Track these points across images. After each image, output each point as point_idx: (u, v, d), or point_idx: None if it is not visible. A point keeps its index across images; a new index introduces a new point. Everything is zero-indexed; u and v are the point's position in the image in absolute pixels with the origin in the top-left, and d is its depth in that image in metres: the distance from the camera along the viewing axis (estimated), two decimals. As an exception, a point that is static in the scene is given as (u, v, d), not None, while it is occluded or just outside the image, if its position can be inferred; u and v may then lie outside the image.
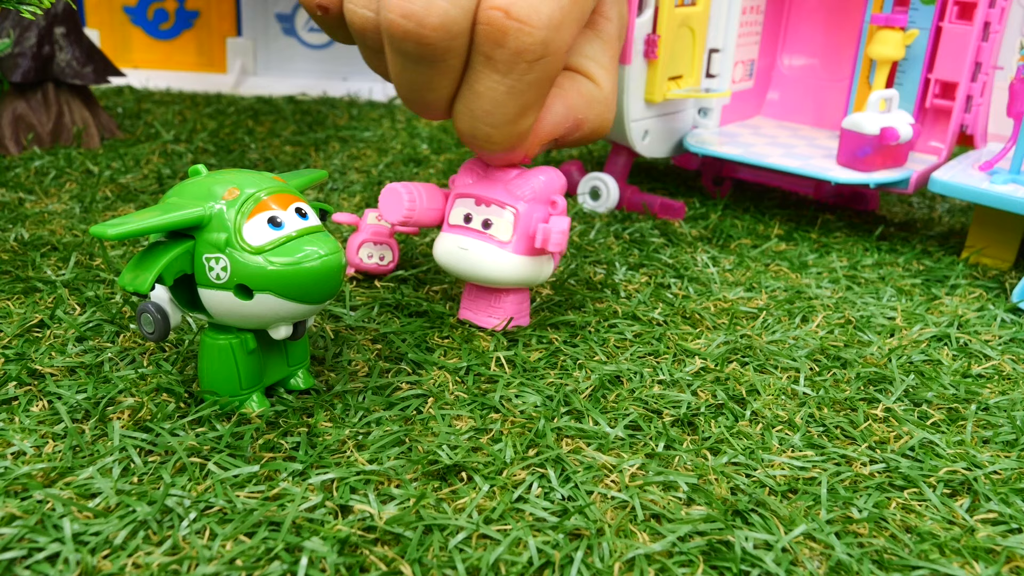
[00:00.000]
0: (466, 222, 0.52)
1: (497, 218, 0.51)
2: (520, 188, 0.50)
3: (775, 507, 0.39)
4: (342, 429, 0.43)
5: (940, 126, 0.74)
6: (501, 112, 0.46)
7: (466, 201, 0.52)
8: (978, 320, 0.58)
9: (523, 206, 0.50)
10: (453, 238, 0.52)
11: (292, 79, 1.22)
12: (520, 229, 0.50)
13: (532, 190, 0.50)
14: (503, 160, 0.51)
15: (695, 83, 0.76)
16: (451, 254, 0.52)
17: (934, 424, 0.46)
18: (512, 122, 0.46)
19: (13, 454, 0.40)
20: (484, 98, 0.45)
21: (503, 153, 0.49)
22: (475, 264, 0.51)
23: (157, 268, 0.39)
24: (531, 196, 0.50)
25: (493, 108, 0.45)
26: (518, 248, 0.51)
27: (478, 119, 0.46)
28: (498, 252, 0.51)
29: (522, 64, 0.44)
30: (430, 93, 0.46)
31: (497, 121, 0.46)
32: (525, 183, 0.51)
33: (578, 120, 0.51)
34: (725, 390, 0.48)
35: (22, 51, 0.82)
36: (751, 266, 0.65)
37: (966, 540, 0.37)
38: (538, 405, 0.46)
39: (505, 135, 0.47)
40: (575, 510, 0.37)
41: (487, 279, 0.51)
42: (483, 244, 0.51)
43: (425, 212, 0.53)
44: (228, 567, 0.33)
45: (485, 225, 0.51)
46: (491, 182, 0.51)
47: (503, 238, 0.51)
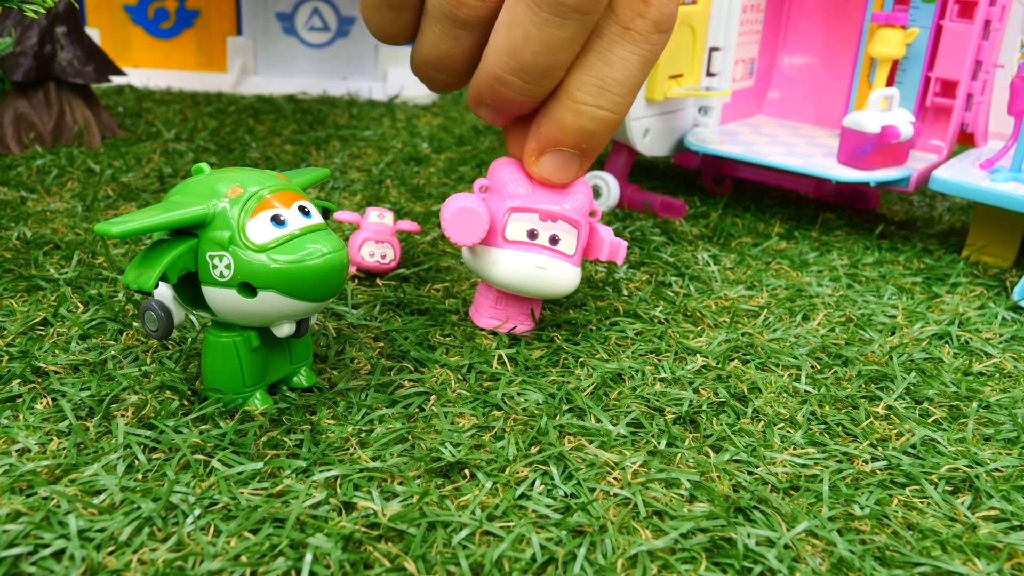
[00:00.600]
0: (531, 238, 0.50)
1: (564, 233, 0.50)
2: (576, 202, 0.50)
3: (777, 504, 0.39)
4: (345, 427, 0.43)
5: (941, 124, 0.74)
6: (631, 82, 0.45)
7: (528, 216, 0.50)
8: (979, 318, 0.58)
9: (583, 219, 0.51)
10: (525, 256, 0.50)
11: (292, 78, 1.22)
12: (581, 243, 0.51)
13: (581, 203, 0.50)
14: (581, 168, 0.49)
15: (696, 82, 0.76)
16: (525, 273, 0.50)
17: (935, 422, 0.46)
18: (634, 92, 0.46)
19: (18, 451, 0.40)
20: (617, 67, 0.45)
21: (612, 133, 0.47)
22: (552, 281, 0.50)
23: (161, 266, 0.40)
24: (584, 209, 0.51)
25: (625, 77, 0.45)
26: (578, 261, 0.51)
27: (608, 88, 0.45)
28: (568, 267, 0.50)
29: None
30: (563, 54, 0.44)
31: (626, 90, 0.46)
32: (579, 197, 0.50)
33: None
34: (727, 388, 0.48)
35: (23, 50, 0.83)
36: (752, 264, 0.66)
37: (968, 537, 0.37)
38: (540, 403, 0.46)
39: (626, 107, 0.46)
40: (578, 507, 0.38)
41: (560, 294, 0.51)
42: (558, 262, 0.50)
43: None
44: (233, 563, 0.33)
45: (553, 241, 0.50)
46: (545, 195, 0.50)
47: (569, 252, 0.50)
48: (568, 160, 0.49)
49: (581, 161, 0.49)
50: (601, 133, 0.47)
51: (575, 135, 0.47)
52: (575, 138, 0.47)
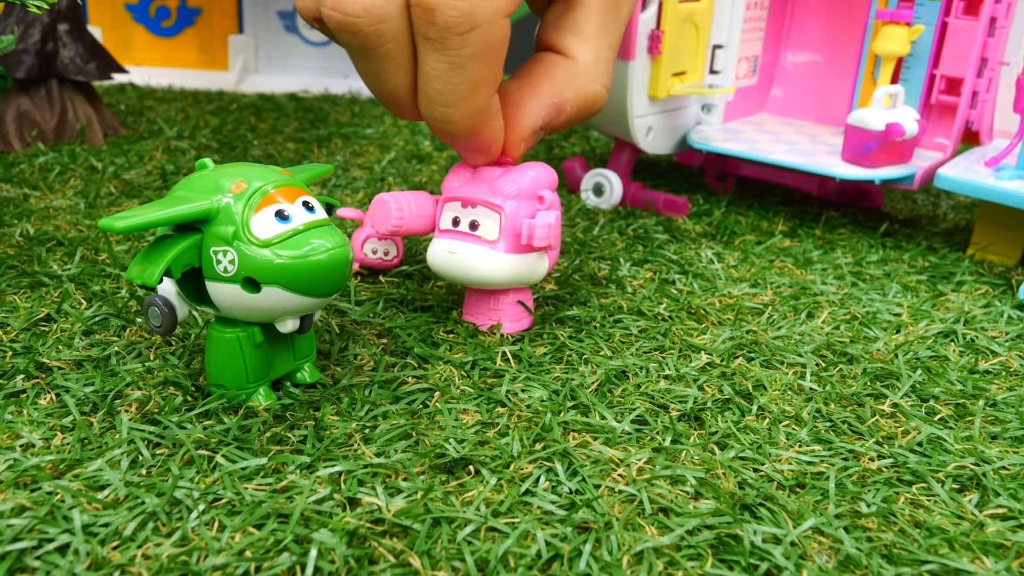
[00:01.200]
0: (454, 225, 0.51)
1: (483, 218, 0.50)
2: (504, 185, 0.50)
3: (783, 501, 0.39)
4: (349, 423, 0.43)
5: (945, 122, 0.74)
6: (451, 90, 0.45)
7: (453, 204, 0.51)
8: (985, 316, 0.58)
9: (508, 204, 0.49)
10: (442, 242, 0.51)
11: (294, 76, 1.22)
12: (507, 228, 0.49)
13: (517, 187, 0.50)
14: (479, 155, 0.50)
15: (699, 79, 0.76)
16: (441, 258, 0.51)
17: (942, 420, 0.46)
18: (465, 99, 0.45)
19: (22, 446, 0.40)
20: (432, 78, 0.45)
21: (468, 137, 0.48)
22: (465, 266, 0.50)
23: (165, 261, 0.39)
24: (516, 193, 0.49)
25: (443, 87, 0.45)
26: (506, 247, 0.49)
27: (432, 101, 0.46)
28: (486, 253, 0.50)
29: (455, 38, 0.43)
30: (386, 83, 0.46)
31: (450, 100, 0.45)
32: (510, 180, 0.50)
33: (557, 104, 0.50)
34: (731, 385, 0.48)
35: (26, 48, 0.82)
36: (756, 262, 0.65)
37: (976, 535, 0.37)
38: (544, 399, 0.46)
39: (461, 113, 0.46)
40: (583, 503, 0.37)
41: (478, 281, 0.51)
42: (471, 246, 0.50)
43: (415, 220, 0.52)
44: (237, 558, 0.33)
45: (472, 227, 0.50)
46: (477, 182, 0.51)
47: (490, 238, 0.50)
48: (464, 151, 0.50)
49: (476, 152, 0.50)
50: (455, 139, 0.48)
51: (444, 141, 0.49)
52: (447, 143, 0.49)
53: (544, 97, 0.50)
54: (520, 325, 0.53)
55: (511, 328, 0.52)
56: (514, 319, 0.52)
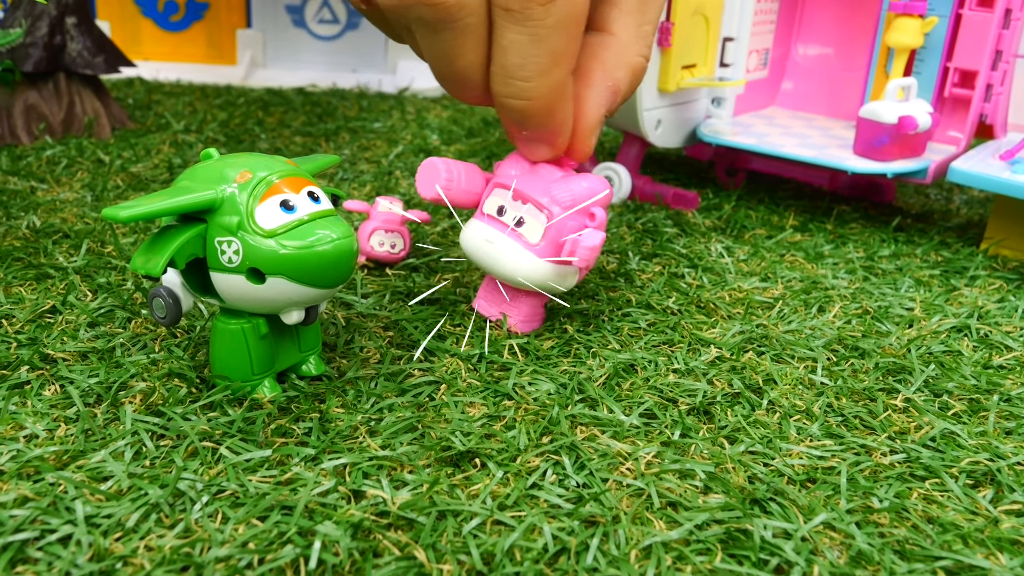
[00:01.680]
0: (499, 214, 0.49)
1: (531, 218, 0.48)
2: (560, 191, 0.48)
3: (794, 496, 0.38)
4: (354, 415, 0.42)
5: (959, 116, 0.73)
6: (533, 63, 0.44)
7: (503, 192, 0.50)
8: (999, 311, 0.57)
9: (558, 211, 0.48)
10: (482, 228, 0.50)
11: (302, 71, 1.22)
12: (551, 235, 0.48)
13: (572, 196, 0.48)
14: (543, 147, 0.49)
15: (709, 72, 0.76)
16: (476, 244, 0.50)
17: (955, 415, 0.45)
18: (546, 72, 0.44)
19: (26, 437, 0.39)
20: (511, 52, 0.44)
21: (541, 118, 0.46)
22: (497, 259, 0.49)
23: (169, 251, 0.39)
24: (570, 202, 0.48)
25: (523, 60, 0.44)
26: (544, 252, 0.48)
27: (511, 75, 0.44)
28: (523, 252, 0.48)
29: (537, 8, 0.42)
30: (459, 60, 0.45)
31: (530, 73, 0.44)
32: (566, 188, 0.48)
33: (612, 87, 0.49)
34: (741, 379, 0.47)
35: (33, 41, 0.82)
36: (766, 256, 0.65)
37: (990, 531, 0.37)
38: (552, 393, 0.45)
39: (541, 88, 0.45)
40: (590, 497, 0.37)
41: (506, 276, 0.49)
42: (510, 242, 0.49)
43: (461, 192, 0.50)
44: (241, 550, 0.33)
45: (517, 223, 0.49)
46: (533, 179, 0.49)
47: (532, 240, 0.48)
48: (527, 143, 0.49)
49: (542, 142, 0.48)
50: (528, 120, 0.47)
51: (511, 124, 0.48)
52: (513, 127, 0.48)
53: (598, 85, 0.49)
54: (531, 325, 0.52)
55: (522, 327, 0.51)
56: (526, 319, 0.51)
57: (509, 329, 0.51)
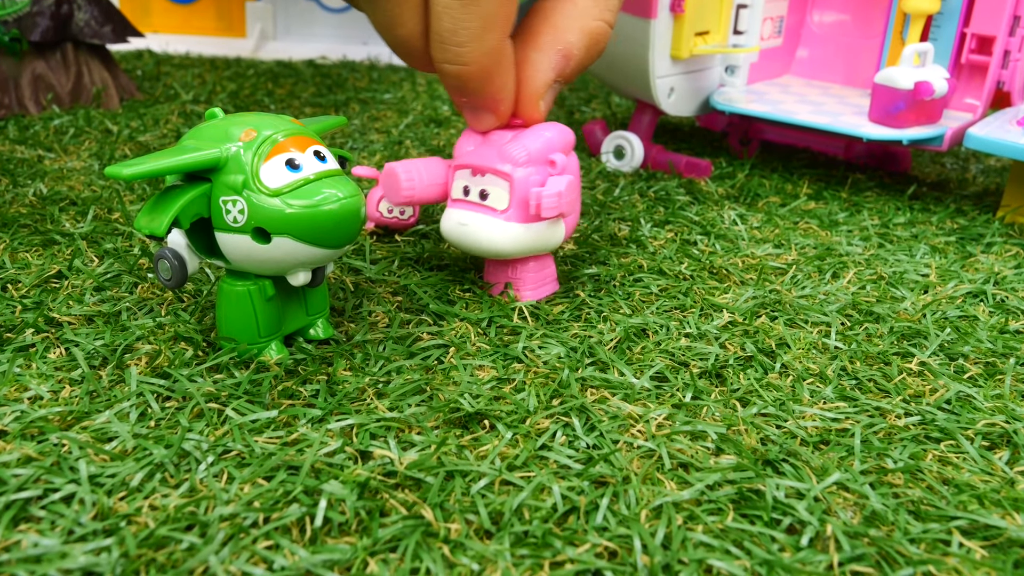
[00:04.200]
0: (465, 195, 0.48)
1: (493, 187, 0.47)
2: (514, 151, 0.47)
3: (807, 457, 0.37)
4: (362, 378, 0.42)
5: (976, 82, 0.72)
6: (464, 28, 0.43)
7: (463, 172, 0.49)
8: (1015, 277, 0.56)
9: (518, 171, 0.46)
10: (454, 213, 0.49)
11: (312, 43, 1.21)
12: (516, 196, 0.47)
13: (527, 152, 0.47)
14: (488, 115, 0.48)
15: (722, 39, 0.74)
16: (452, 231, 0.49)
17: (971, 378, 0.45)
18: (478, 37, 0.44)
19: (30, 398, 0.39)
20: (444, 17, 0.43)
21: (479, 85, 0.46)
22: (476, 238, 0.48)
23: (173, 210, 0.39)
24: (526, 158, 0.47)
25: (454, 25, 0.43)
26: (516, 216, 0.47)
27: (445, 41, 0.44)
28: (496, 223, 0.47)
29: None
30: (400, 28, 0.45)
31: (462, 38, 0.44)
32: (519, 145, 0.47)
33: (563, 51, 0.48)
34: (754, 343, 0.47)
35: (40, 10, 0.82)
36: (779, 224, 0.64)
37: (1006, 492, 0.36)
38: (562, 356, 0.45)
39: (474, 53, 0.44)
40: (600, 458, 0.36)
41: (489, 253, 0.48)
42: (481, 216, 0.47)
43: (427, 189, 0.50)
44: (246, 508, 0.32)
45: (482, 196, 0.48)
46: (487, 148, 0.48)
47: (500, 207, 0.47)
48: (473, 111, 0.49)
49: (485, 110, 0.48)
50: (465, 85, 0.46)
51: (452, 92, 0.47)
52: (455, 94, 0.47)
53: (547, 48, 0.48)
54: (542, 292, 0.51)
55: (532, 295, 0.50)
56: (535, 285, 0.51)
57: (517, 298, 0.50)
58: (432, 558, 0.31)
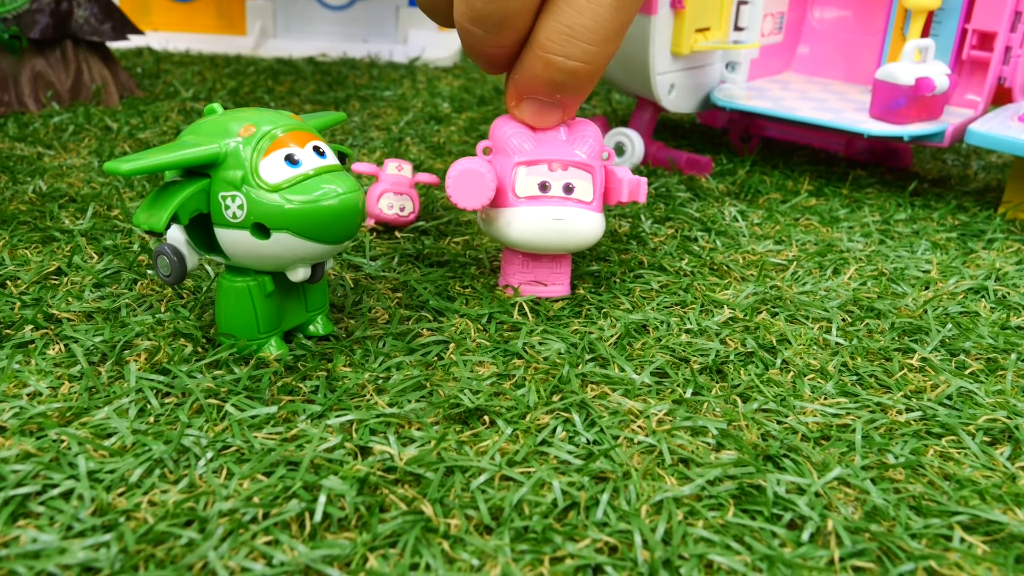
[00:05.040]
0: (543, 190, 0.47)
1: (577, 180, 0.48)
2: (585, 145, 0.48)
3: (808, 452, 0.37)
4: (361, 374, 0.42)
5: (977, 78, 0.72)
6: (603, 29, 0.42)
7: (537, 168, 0.47)
8: (1017, 273, 0.56)
9: (596, 163, 0.48)
10: (540, 210, 0.47)
11: (312, 41, 1.20)
12: (598, 188, 0.48)
13: (591, 146, 0.48)
14: (558, 113, 0.47)
15: (723, 36, 0.74)
16: (543, 228, 0.47)
17: (972, 373, 0.45)
18: (611, 40, 0.43)
19: (29, 394, 0.39)
20: (586, 13, 0.42)
21: (584, 84, 0.45)
22: (573, 232, 0.48)
23: (172, 206, 0.38)
24: (596, 152, 0.48)
25: (596, 23, 0.42)
26: (598, 207, 0.49)
27: (577, 36, 0.42)
28: (588, 215, 0.48)
29: None
30: (514, 2, 0.42)
31: (598, 38, 0.43)
32: (585, 139, 0.48)
33: None
34: (755, 339, 0.46)
35: (40, 7, 0.82)
36: (780, 220, 0.64)
37: (1008, 487, 0.36)
38: (562, 352, 0.44)
39: (602, 56, 0.43)
40: (600, 453, 0.36)
41: (580, 245, 0.49)
42: (576, 210, 0.47)
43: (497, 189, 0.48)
44: (245, 504, 0.32)
45: (567, 190, 0.47)
46: (552, 144, 0.48)
47: (587, 199, 0.48)
48: (545, 108, 0.47)
49: (561, 109, 0.47)
50: (573, 84, 0.45)
51: (546, 86, 0.46)
52: (546, 88, 0.46)
53: None
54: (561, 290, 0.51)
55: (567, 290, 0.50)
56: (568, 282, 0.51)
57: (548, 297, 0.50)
58: (432, 553, 0.31)
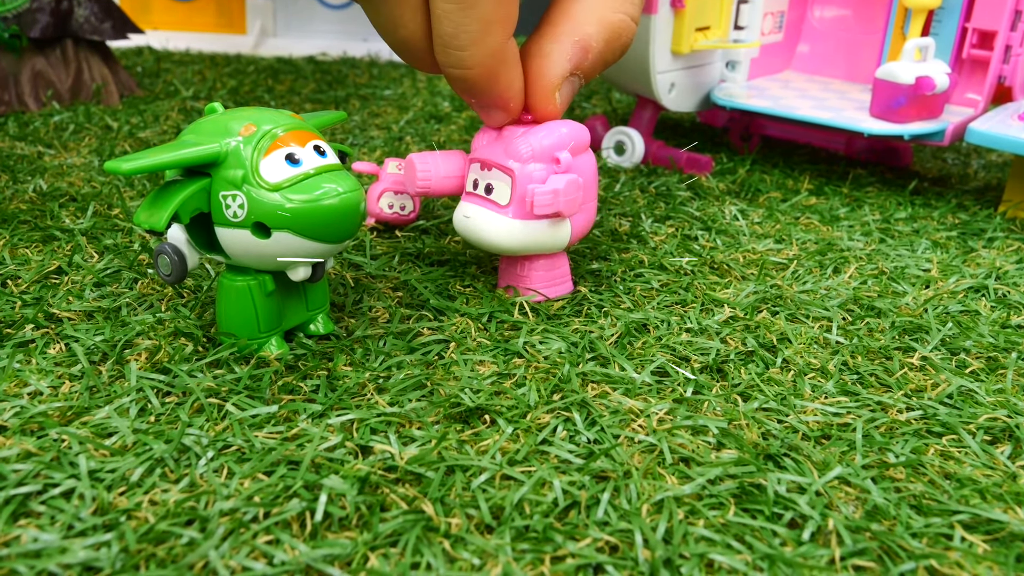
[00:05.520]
0: (474, 188, 0.48)
1: (497, 182, 0.47)
2: (520, 147, 0.46)
3: (808, 452, 0.37)
4: (362, 373, 0.42)
5: (977, 77, 0.72)
6: (464, 31, 0.43)
7: (474, 166, 0.48)
8: (1017, 272, 0.56)
9: (519, 167, 0.46)
10: (461, 206, 0.49)
11: (312, 40, 1.21)
12: (518, 192, 0.46)
13: (531, 148, 0.46)
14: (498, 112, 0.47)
15: (723, 34, 0.74)
16: (458, 223, 0.49)
17: (973, 373, 0.45)
18: (478, 41, 0.43)
19: (29, 394, 0.39)
20: (444, 20, 0.43)
21: (485, 86, 0.45)
22: (477, 231, 0.48)
23: (173, 205, 0.38)
24: (530, 155, 0.46)
25: (454, 29, 0.43)
26: (517, 212, 0.46)
27: (447, 45, 0.43)
28: (496, 218, 0.47)
29: None
30: (401, 30, 0.44)
31: (463, 42, 0.43)
32: (525, 141, 0.46)
33: (580, 42, 0.47)
34: (755, 338, 0.46)
35: (40, 6, 0.82)
36: (781, 219, 0.64)
37: (1008, 486, 0.36)
38: (563, 351, 0.44)
39: (476, 57, 0.44)
40: (601, 453, 0.36)
41: (489, 247, 0.48)
42: (483, 211, 0.47)
43: (442, 181, 0.49)
44: (246, 503, 0.32)
45: (487, 190, 0.47)
46: (498, 143, 0.48)
47: (502, 202, 0.47)
48: (483, 110, 0.48)
49: (496, 108, 0.47)
50: (472, 88, 0.45)
51: (460, 93, 0.47)
52: (463, 96, 0.47)
53: (565, 39, 0.47)
54: (559, 290, 0.50)
55: (551, 293, 0.50)
56: (547, 284, 0.50)
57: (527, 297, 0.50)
58: (433, 552, 0.31)
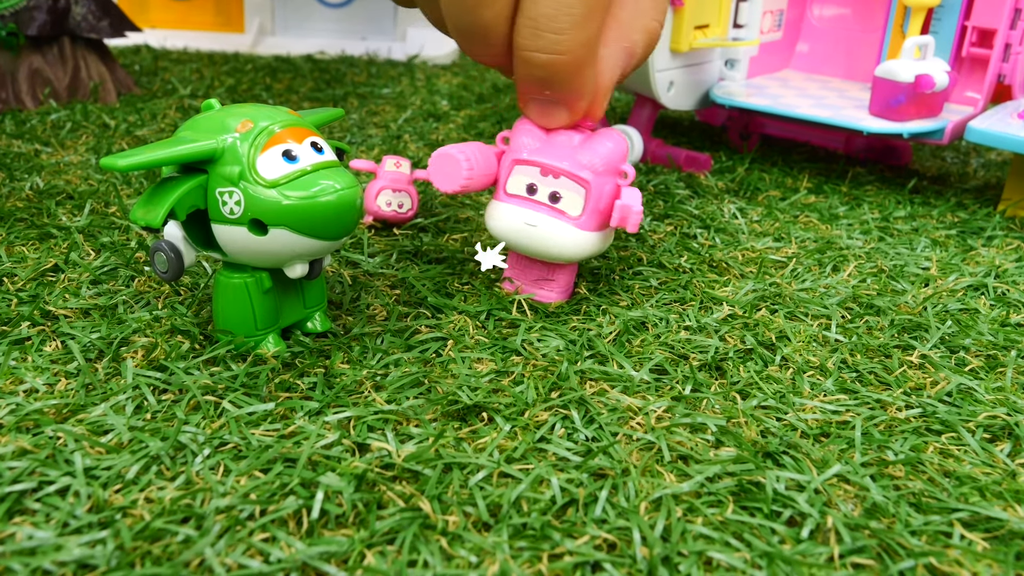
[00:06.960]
0: (530, 193, 0.46)
1: (567, 191, 0.46)
2: (589, 157, 0.46)
3: (807, 449, 0.37)
4: (359, 370, 0.42)
5: (977, 75, 0.71)
6: (566, 14, 0.41)
7: (529, 170, 0.46)
8: (1016, 270, 0.56)
9: (594, 179, 0.46)
10: (517, 211, 0.47)
11: (310, 38, 1.20)
12: (591, 204, 0.46)
13: (602, 159, 0.46)
14: (562, 111, 0.46)
15: (722, 33, 0.74)
16: (515, 229, 0.47)
17: (972, 370, 0.45)
18: (580, 24, 0.41)
19: (25, 391, 0.39)
20: (544, 3, 0.41)
21: (569, 78, 0.43)
22: (544, 241, 0.46)
23: (169, 202, 0.38)
24: (602, 167, 0.46)
25: (556, 11, 0.41)
26: (588, 224, 0.46)
27: (541, 27, 0.41)
28: (568, 229, 0.46)
29: None
30: (487, 9, 0.42)
31: (562, 25, 0.41)
32: (593, 151, 0.46)
33: (628, 48, 0.46)
34: (754, 336, 0.46)
35: (37, 4, 0.81)
36: (780, 217, 0.64)
37: (1008, 484, 0.36)
38: (561, 349, 0.44)
39: (572, 42, 0.42)
40: (599, 450, 0.36)
41: (556, 257, 0.47)
42: (553, 220, 0.46)
43: (480, 178, 0.48)
44: (243, 501, 0.32)
45: (553, 199, 0.46)
46: (556, 149, 0.46)
47: (573, 213, 0.46)
48: (547, 107, 0.46)
49: (565, 108, 0.46)
50: (554, 77, 0.43)
51: (532, 84, 0.44)
52: (534, 86, 0.45)
53: (614, 44, 0.46)
54: (570, 292, 0.50)
55: (562, 297, 0.49)
56: (565, 288, 0.50)
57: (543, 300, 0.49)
58: (430, 550, 0.31)
